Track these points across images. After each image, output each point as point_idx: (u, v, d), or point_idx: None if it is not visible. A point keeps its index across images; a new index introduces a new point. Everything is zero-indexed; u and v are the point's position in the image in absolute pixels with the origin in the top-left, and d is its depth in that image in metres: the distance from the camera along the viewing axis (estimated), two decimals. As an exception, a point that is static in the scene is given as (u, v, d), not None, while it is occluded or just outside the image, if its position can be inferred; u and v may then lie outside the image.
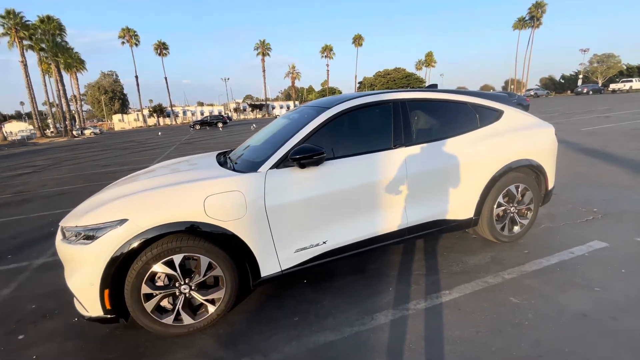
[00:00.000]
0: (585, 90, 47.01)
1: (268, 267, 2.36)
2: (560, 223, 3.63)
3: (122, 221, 2.01)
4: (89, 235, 2.04)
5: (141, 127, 62.84)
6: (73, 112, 53.22)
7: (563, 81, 74.21)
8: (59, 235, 2.25)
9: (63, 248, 2.14)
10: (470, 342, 2.00)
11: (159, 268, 2.11)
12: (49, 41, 42.17)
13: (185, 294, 2.21)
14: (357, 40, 73.02)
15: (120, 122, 67.84)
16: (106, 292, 2.05)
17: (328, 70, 76.25)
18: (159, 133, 32.51)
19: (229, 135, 23.37)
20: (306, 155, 2.27)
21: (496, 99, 3.21)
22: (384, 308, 2.38)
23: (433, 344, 2.01)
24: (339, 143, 2.59)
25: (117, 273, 2.06)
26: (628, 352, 1.86)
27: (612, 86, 47.51)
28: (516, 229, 3.22)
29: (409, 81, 72.80)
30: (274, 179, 2.30)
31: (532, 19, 63.38)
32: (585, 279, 2.58)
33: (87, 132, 43.57)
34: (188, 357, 2.06)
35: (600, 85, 53.86)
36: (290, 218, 2.34)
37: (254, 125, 32.28)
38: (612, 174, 5.46)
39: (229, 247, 2.26)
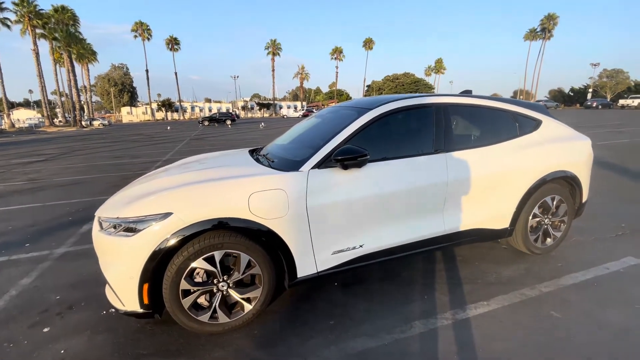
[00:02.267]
0: (594, 105, 46.76)
1: (305, 267, 2.31)
2: (590, 237, 3.56)
3: (167, 214, 1.98)
4: (131, 227, 2.01)
5: (149, 120, 63.13)
6: (82, 102, 53.56)
7: (572, 94, 73.82)
8: (95, 226, 2.21)
9: (101, 239, 2.11)
10: (517, 356, 1.94)
11: (199, 264, 2.07)
12: (62, 31, 42.50)
13: (223, 291, 2.16)
14: (368, 43, 73.10)
15: (128, 115, 68.19)
16: (145, 286, 2.01)
17: (337, 73, 76.36)
18: (168, 127, 32.64)
19: (237, 132, 23.38)
20: (350, 157, 2.23)
21: (534, 108, 3.16)
22: (421, 316, 2.33)
23: (478, 356, 1.95)
24: (381, 145, 2.54)
25: (157, 267, 2.02)
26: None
27: (622, 102, 47.29)
28: (549, 241, 3.16)
29: (418, 87, 72.66)
30: (316, 179, 2.26)
31: (543, 30, 63.21)
32: (623, 295, 2.51)
33: (95, 123, 43.82)
34: (225, 357, 2.02)
35: (609, 100, 53.53)
36: (329, 219, 2.30)
37: (263, 124, 32.30)
38: (634, 189, 5.38)
39: (269, 245, 2.22)
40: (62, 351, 2.12)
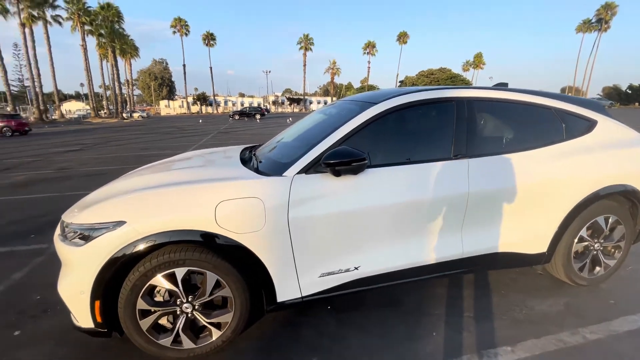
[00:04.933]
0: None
1: (286, 291, 1.95)
2: (654, 266, 2.89)
3: (119, 223, 1.69)
4: (85, 235, 1.75)
5: (185, 113, 65.56)
6: (125, 95, 56.65)
7: (630, 92, 67.02)
8: (57, 229, 1.99)
9: (58, 245, 1.87)
10: None
11: (158, 282, 1.77)
12: (107, 27, 44.95)
13: (187, 313, 1.86)
14: (402, 37, 70.71)
15: (166, 108, 71.25)
16: (97, 303, 1.75)
17: (369, 67, 74.72)
18: (200, 120, 33.52)
19: (264, 127, 23.48)
20: (343, 161, 1.82)
21: (588, 106, 2.55)
22: (426, 360, 1.89)
23: None
24: (385, 147, 2.11)
25: (110, 283, 1.74)
26: None
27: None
28: (598, 270, 2.56)
29: (454, 82, 69.44)
30: (301, 186, 1.88)
31: (599, 21, 57.80)
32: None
33: (135, 115, 46.11)
34: (182, 394, 1.71)
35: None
36: (317, 235, 1.91)
37: (290, 118, 32.25)
38: None
39: (242, 264, 1.88)
40: (19, 362, 1.93)
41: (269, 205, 1.81)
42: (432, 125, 2.23)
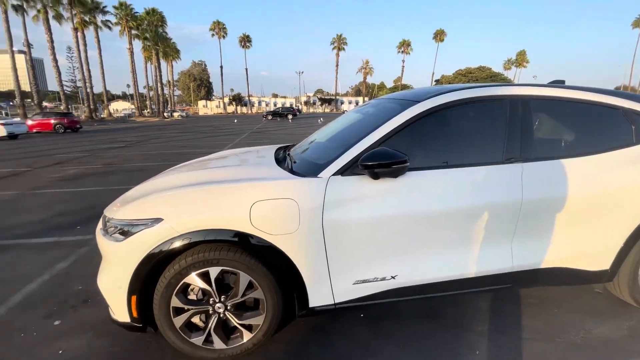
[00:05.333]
0: None
1: (318, 296, 1.88)
2: None
3: (157, 220, 1.70)
4: (124, 230, 1.78)
5: (221, 113, 68.02)
6: (166, 95, 59.70)
7: (699, 92, 60.35)
8: (99, 223, 2.05)
9: (99, 239, 1.93)
10: None
11: (192, 280, 1.77)
12: (152, 31, 47.64)
13: (219, 313, 1.84)
14: (439, 35, 68.63)
15: (203, 108, 74.37)
16: (133, 298, 1.77)
17: (403, 67, 73.28)
18: (235, 120, 34.54)
19: (296, 127, 23.71)
20: (382, 163, 1.71)
21: (663, 106, 2.24)
22: (469, 381, 1.73)
23: None
24: (428, 149, 1.98)
25: (146, 279, 1.76)
26: None
27: None
28: (671, 292, 2.25)
29: (494, 81, 66.20)
30: (338, 188, 1.79)
31: (663, 15, 52.49)
32: None
33: (175, 114, 48.53)
34: (212, 395, 1.69)
35: None
36: (353, 240, 1.82)
37: (321, 118, 32.35)
38: None
39: (274, 266, 1.83)
40: (60, 351, 2.01)
41: (303, 207, 1.75)
42: (481, 125, 2.06)
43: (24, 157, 10.60)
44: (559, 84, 2.43)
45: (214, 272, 1.77)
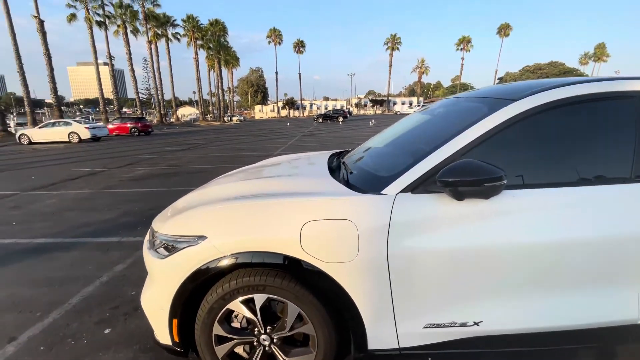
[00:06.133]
0: None
1: (380, 338, 1.55)
2: None
3: (201, 238, 1.53)
4: (169, 246, 1.64)
5: (275, 117, 70.43)
6: (227, 101, 63.50)
7: None
8: (147, 235, 1.96)
9: (145, 253, 1.82)
10: None
11: (236, 306, 1.56)
12: (214, 41, 50.95)
13: (264, 346, 1.61)
14: (504, 30, 63.31)
15: (259, 112, 77.69)
16: (174, 322, 1.62)
17: (462, 64, 69.00)
18: (288, 124, 35.33)
19: (346, 129, 23.45)
20: (471, 180, 1.33)
21: None
22: None
23: None
24: (528, 162, 1.54)
25: (189, 301, 1.60)
26: None
27: None
28: None
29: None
30: (407, 209, 1.45)
31: None
32: None
33: (234, 118, 51.45)
34: None
35: None
36: (425, 274, 1.46)
37: (373, 120, 31.64)
38: None
39: (328, 299, 1.55)
40: (104, 365, 1.95)
41: (363, 231, 1.44)
42: (600, 131, 1.56)
43: (102, 158, 11.79)
44: None
45: (259, 299, 1.54)
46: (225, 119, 51.72)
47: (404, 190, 1.48)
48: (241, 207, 1.58)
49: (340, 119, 37.50)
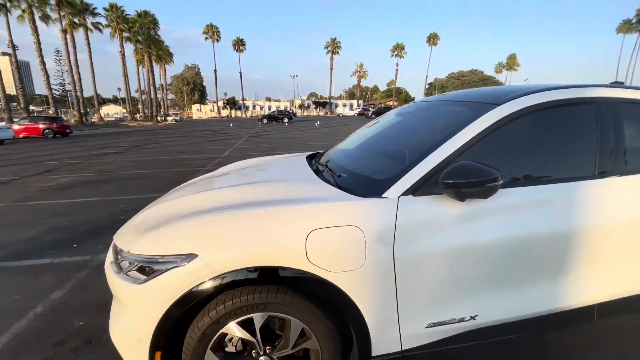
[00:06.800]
0: None
1: (383, 343, 1.53)
2: None
3: (189, 257, 1.34)
4: (146, 268, 1.41)
5: (215, 117, 67.28)
6: (159, 99, 58.88)
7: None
8: (109, 255, 1.68)
9: (111, 277, 1.55)
10: None
11: (231, 329, 1.41)
12: (144, 34, 46.89)
13: (263, 368, 1.48)
14: (432, 39, 69.08)
15: (197, 112, 73.51)
16: (157, 355, 1.40)
17: (397, 70, 73.52)
18: (231, 124, 33.98)
19: (294, 130, 23.38)
20: (473, 182, 1.38)
21: None
22: None
23: None
24: (511, 162, 1.65)
25: (175, 330, 1.40)
26: None
27: None
28: None
29: (486, 85, 66.83)
30: (412, 211, 1.45)
31: None
32: None
33: (169, 118, 47.87)
34: None
35: None
36: (429, 276, 1.48)
37: (318, 122, 32.09)
38: None
39: (334, 309, 1.48)
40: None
41: (370, 236, 1.40)
42: (569, 133, 1.73)
43: (11, 164, 10.04)
44: (618, 85, 2.14)
45: (259, 319, 1.41)
46: (159, 118, 47.91)
47: (405, 193, 1.48)
48: (237, 218, 1.43)
49: (286, 120, 37.22)
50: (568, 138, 1.72)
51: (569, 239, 1.58)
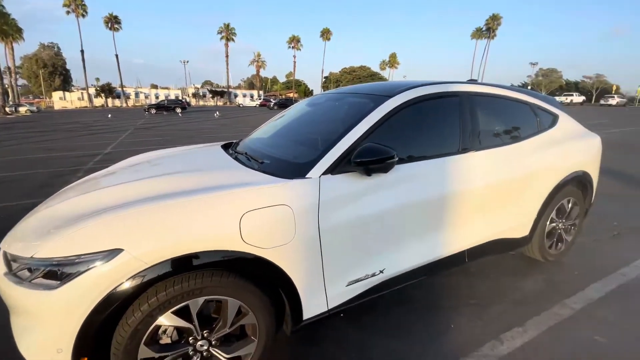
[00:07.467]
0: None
1: (313, 306, 1.74)
2: (590, 238, 3.40)
3: (114, 252, 1.28)
4: (57, 272, 1.28)
5: (86, 107, 56.73)
6: (6, 86, 46.46)
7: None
8: (1, 266, 1.44)
9: (9, 289, 1.35)
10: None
11: (167, 320, 1.40)
12: (-26, 1, 36.11)
13: (202, 352, 1.52)
14: (325, 34, 72.37)
15: (61, 101, 60.75)
16: (82, 362, 1.31)
17: (295, 62, 74.69)
18: (109, 115, 29.25)
19: (189, 121, 21.68)
20: (377, 159, 1.68)
21: (550, 102, 2.85)
22: (459, 355, 1.88)
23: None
24: (403, 143, 2.02)
25: (101, 332, 1.32)
26: None
27: (557, 99, 52.07)
28: (560, 246, 2.92)
29: (374, 80, 73.86)
30: (331, 188, 1.68)
31: (488, 30, 67.11)
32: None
33: (22, 109, 38.15)
34: None
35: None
36: (348, 241, 1.75)
37: (218, 112, 30.44)
38: (610, 185, 5.51)
39: (266, 284, 1.61)
40: None
41: (298, 213, 1.57)
42: (442, 119, 2.21)
43: None
44: (473, 82, 2.81)
45: (195, 305, 1.44)
46: (8, 109, 37.90)
47: (325, 173, 1.69)
48: (167, 207, 1.41)
49: (179, 109, 33.97)
50: (441, 123, 2.21)
51: (443, 201, 2.06)
